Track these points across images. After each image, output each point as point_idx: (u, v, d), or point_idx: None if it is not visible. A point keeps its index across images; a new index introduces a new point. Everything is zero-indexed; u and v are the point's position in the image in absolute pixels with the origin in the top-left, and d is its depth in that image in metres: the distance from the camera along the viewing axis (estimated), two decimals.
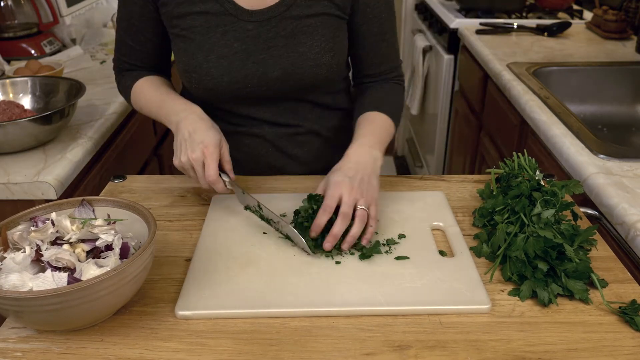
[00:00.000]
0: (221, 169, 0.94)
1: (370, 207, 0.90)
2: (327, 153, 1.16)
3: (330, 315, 0.76)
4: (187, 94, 1.13)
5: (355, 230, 0.87)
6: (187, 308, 0.76)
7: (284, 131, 1.13)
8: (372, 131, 1.03)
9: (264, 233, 0.93)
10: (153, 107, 1.07)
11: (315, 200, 0.91)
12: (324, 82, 1.09)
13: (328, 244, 0.86)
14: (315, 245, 0.88)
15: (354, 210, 0.88)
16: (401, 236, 0.92)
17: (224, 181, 0.93)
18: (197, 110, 0.99)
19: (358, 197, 0.89)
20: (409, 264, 0.85)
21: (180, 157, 0.93)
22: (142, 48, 1.11)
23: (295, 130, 1.13)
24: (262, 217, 0.94)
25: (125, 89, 1.15)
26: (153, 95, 1.08)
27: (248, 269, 0.84)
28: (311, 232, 0.87)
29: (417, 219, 0.96)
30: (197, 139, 0.92)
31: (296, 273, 0.83)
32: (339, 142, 1.12)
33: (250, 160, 1.16)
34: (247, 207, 0.97)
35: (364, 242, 0.88)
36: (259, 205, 0.93)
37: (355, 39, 1.10)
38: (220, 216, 0.98)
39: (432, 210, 0.99)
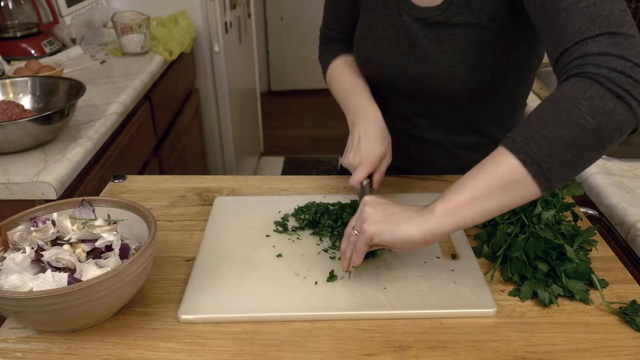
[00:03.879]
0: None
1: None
2: (444, 164, 1.12)
3: (334, 319, 0.76)
4: None
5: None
6: (190, 312, 0.76)
7: (411, 131, 1.11)
8: (462, 186, 0.70)
9: (267, 236, 0.93)
10: (341, 95, 1.08)
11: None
12: (459, 96, 0.98)
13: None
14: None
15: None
16: None
17: (365, 187, 0.95)
18: (374, 115, 1.00)
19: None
20: (414, 266, 0.85)
21: (345, 158, 0.98)
22: (342, 16, 1.14)
23: (421, 134, 1.11)
24: None
25: (324, 63, 1.18)
26: (345, 82, 1.09)
27: (251, 272, 0.84)
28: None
29: None
30: (363, 146, 0.95)
31: (300, 276, 0.83)
32: (463, 157, 1.08)
33: None
34: None
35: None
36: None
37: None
38: (222, 219, 0.98)
39: None
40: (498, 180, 0.68)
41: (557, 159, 0.66)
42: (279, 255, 0.87)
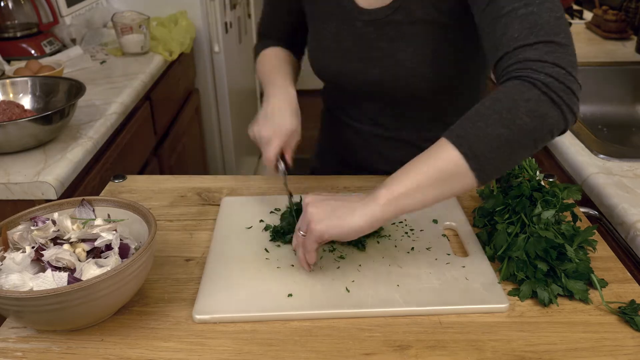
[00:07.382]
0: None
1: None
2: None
3: (334, 317, 0.76)
4: None
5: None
6: (205, 312, 0.76)
7: (380, 132, 1.11)
8: (406, 175, 0.73)
9: (266, 229, 0.94)
10: (264, 74, 1.10)
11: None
12: (425, 93, 1.00)
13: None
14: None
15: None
16: (411, 232, 0.92)
17: (280, 169, 0.96)
18: (290, 92, 1.01)
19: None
20: (425, 264, 0.85)
21: (254, 129, 0.97)
22: (279, 20, 1.18)
23: (390, 134, 1.11)
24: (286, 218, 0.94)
25: (255, 54, 1.20)
26: (267, 64, 1.12)
27: (263, 272, 0.84)
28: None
29: (428, 219, 0.96)
30: (276, 119, 0.95)
31: (312, 275, 0.83)
32: None
33: (346, 151, 1.19)
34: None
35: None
36: (290, 210, 0.94)
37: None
38: (231, 218, 0.97)
39: (442, 210, 0.98)
40: (440, 172, 0.72)
41: (495, 155, 0.71)
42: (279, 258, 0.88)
